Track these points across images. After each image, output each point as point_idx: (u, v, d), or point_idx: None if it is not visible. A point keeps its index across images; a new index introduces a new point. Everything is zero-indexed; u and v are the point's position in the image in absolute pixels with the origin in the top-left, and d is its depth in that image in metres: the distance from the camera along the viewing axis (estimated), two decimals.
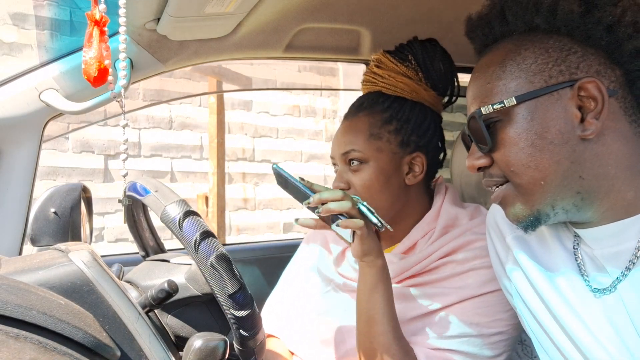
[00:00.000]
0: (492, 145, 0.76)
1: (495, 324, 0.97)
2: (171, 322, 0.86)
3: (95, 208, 1.16)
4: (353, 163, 1.08)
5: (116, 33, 0.84)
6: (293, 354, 1.18)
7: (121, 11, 0.82)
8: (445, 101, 1.20)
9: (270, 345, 1.22)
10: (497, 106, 0.74)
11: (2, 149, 1.15)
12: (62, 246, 0.77)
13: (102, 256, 1.09)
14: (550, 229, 0.84)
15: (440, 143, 1.16)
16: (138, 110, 4.43)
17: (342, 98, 5.68)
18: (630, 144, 0.73)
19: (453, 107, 1.32)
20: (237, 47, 1.31)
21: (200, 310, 0.87)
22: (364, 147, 1.07)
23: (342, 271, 1.15)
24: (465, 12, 0.86)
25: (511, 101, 0.74)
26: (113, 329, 0.68)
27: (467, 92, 0.82)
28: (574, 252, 0.79)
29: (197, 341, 0.73)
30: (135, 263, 1.01)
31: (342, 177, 1.10)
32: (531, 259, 0.83)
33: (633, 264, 0.71)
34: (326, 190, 0.92)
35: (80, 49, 1.12)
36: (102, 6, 0.80)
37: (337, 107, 5.69)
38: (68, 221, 0.99)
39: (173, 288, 0.81)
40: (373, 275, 0.95)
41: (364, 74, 1.19)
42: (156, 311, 0.87)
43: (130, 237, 1.03)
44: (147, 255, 1.03)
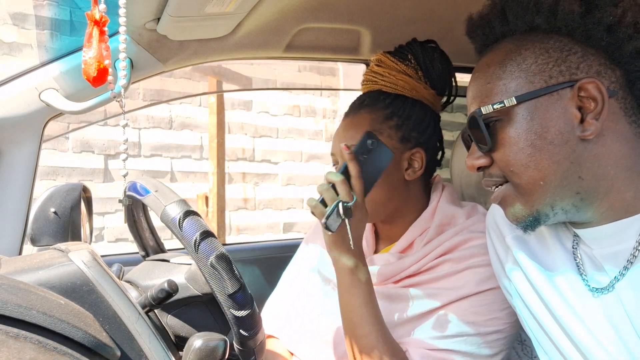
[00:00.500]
0: (492, 145, 0.76)
1: (492, 323, 0.97)
2: (171, 322, 0.86)
3: (95, 208, 1.16)
4: None
5: (116, 33, 0.84)
6: (292, 354, 1.18)
7: (121, 11, 0.82)
8: (443, 101, 1.20)
9: (269, 345, 1.22)
10: (497, 106, 0.75)
11: (2, 149, 1.15)
12: (62, 246, 0.77)
13: (102, 256, 1.09)
14: (549, 229, 0.84)
15: (438, 142, 1.17)
16: (138, 110, 4.43)
17: (342, 98, 5.68)
18: (629, 145, 0.72)
19: (453, 107, 1.32)
20: (237, 47, 1.31)
21: (200, 310, 0.87)
22: None
23: None
24: (465, 12, 0.86)
25: (511, 101, 0.74)
26: (113, 329, 0.68)
27: (468, 92, 0.82)
28: (573, 252, 0.80)
29: (197, 341, 0.73)
30: (135, 263, 1.01)
31: None
32: (530, 259, 0.83)
33: (631, 264, 0.71)
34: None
35: (80, 49, 1.12)
36: (102, 6, 0.80)
37: (337, 107, 5.69)
38: (68, 221, 0.99)
39: (173, 288, 0.81)
40: (344, 277, 0.96)
41: (364, 74, 1.20)
42: (156, 311, 0.87)
43: (130, 237, 1.04)
44: (147, 255, 1.03)
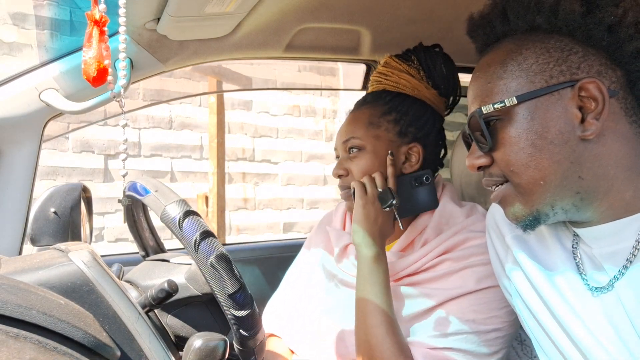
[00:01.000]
0: (492, 144, 0.76)
1: (491, 321, 0.98)
2: (171, 322, 0.86)
3: (95, 208, 1.16)
4: (352, 151, 1.14)
5: (116, 33, 0.84)
6: (294, 353, 1.18)
7: (121, 11, 0.82)
8: (449, 103, 1.22)
9: (271, 344, 1.22)
10: (498, 105, 0.75)
11: (2, 149, 1.15)
12: (62, 246, 0.77)
13: (102, 256, 1.09)
14: (549, 229, 0.84)
15: (440, 141, 1.19)
16: (138, 110, 4.44)
17: (342, 98, 5.69)
18: (630, 145, 0.72)
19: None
20: (237, 47, 1.31)
21: (200, 310, 0.87)
22: (363, 134, 1.13)
23: (343, 267, 1.16)
24: (465, 12, 0.86)
25: (512, 101, 0.74)
26: (113, 329, 0.68)
27: (468, 92, 0.82)
28: (573, 252, 0.80)
29: (197, 341, 0.73)
30: (135, 263, 1.01)
31: (342, 165, 1.15)
32: (530, 259, 0.83)
33: (630, 263, 0.71)
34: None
35: (80, 49, 1.12)
36: (102, 6, 0.80)
37: (337, 107, 5.69)
38: (68, 221, 0.99)
39: (173, 288, 0.81)
40: (365, 264, 1.01)
41: (372, 76, 1.24)
42: (156, 311, 0.87)
43: (130, 237, 1.04)
44: (147, 255, 1.03)
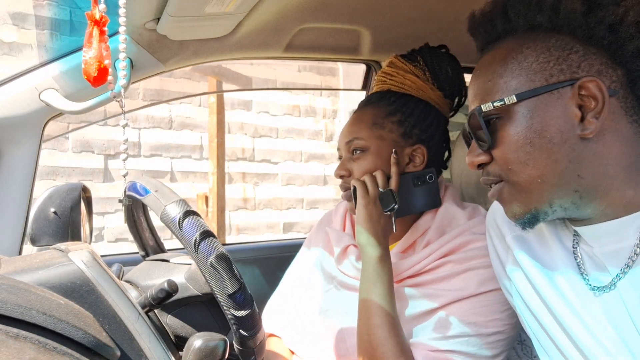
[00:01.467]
0: (492, 142, 0.77)
1: (493, 324, 0.97)
2: (171, 322, 0.86)
3: (95, 208, 1.16)
4: (356, 152, 1.13)
5: (116, 33, 0.84)
6: (293, 353, 1.18)
7: (121, 11, 0.82)
8: (454, 105, 1.22)
9: (271, 344, 1.22)
10: (498, 104, 0.75)
11: (2, 149, 1.15)
12: (62, 246, 0.77)
13: (102, 256, 1.09)
14: (549, 228, 0.84)
15: (444, 143, 1.19)
16: (138, 110, 4.44)
17: (342, 98, 5.68)
18: (630, 144, 0.72)
19: None
20: (237, 47, 1.31)
21: (200, 310, 0.87)
22: (366, 135, 1.12)
23: (343, 269, 1.16)
24: (465, 12, 0.86)
25: (511, 99, 0.74)
26: (113, 329, 0.68)
27: (469, 90, 0.83)
28: (574, 251, 0.80)
29: (197, 341, 0.73)
30: (135, 263, 1.01)
31: (344, 165, 1.14)
32: (531, 259, 0.83)
33: (632, 262, 0.71)
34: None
35: (80, 49, 1.12)
36: (102, 6, 0.80)
37: (337, 107, 5.69)
38: (68, 221, 0.99)
39: (173, 288, 0.80)
40: (370, 265, 1.01)
41: (377, 75, 1.24)
42: (156, 311, 0.87)
43: (130, 237, 1.04)
44: (147, 255, 1.03)
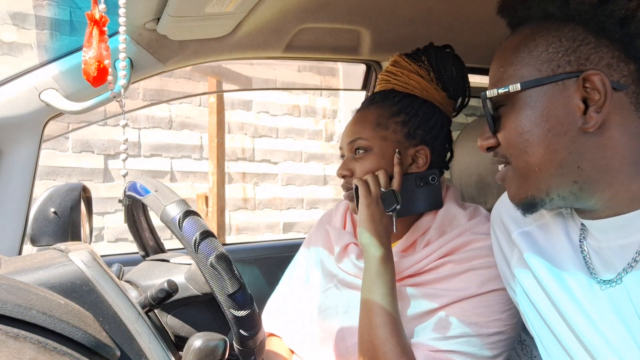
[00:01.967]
0: (495, 127, 0.79)
1: (494, 324, 0.97)
2: (171, 322, 0.86)
3: (95, 208, 1.16)
4: (359, 152, 1.12)
5: (116, 33, 0.84)
6: (293, 353, 1.18)
7: (121, 11, 0.82)
8: (457, 106, 1.22)
9: (271, 344, 1.22)
10: (502, 91, 0.76)
11: (2, 149, 1.15)
12: (62, 246, 0.77)
13: (102, 256, 1.09)
14: (557, 221, 0.84)
15: (447, 144, 1.19)
16: (138, 110, 4.44)
17: (342, 98, 5.69)
18: (638, 140, 0.72)
19: None
20: (237, 47, 1.31)
21: (200, 310, 0.87)
22: (370, 135, 1.11)
23: (344, 267, 1.15)
24: (465, 12, 0.86)
25: (515, 87, 0.75)
26: (113, 329, 0.68)
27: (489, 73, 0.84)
28: (580, 245, 0.80)
29: (197, 341, 0.72)
30: (135, 263, 1.01)
31: (347, 165, 1.14)
32: (537, 254, 0.83)
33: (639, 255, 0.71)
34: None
35: (80, 49, 1.12)
36: (102, 6, 0.80)
37: (337, 107, 5.69)
38: (68, 221, 0.99)
39: (173, 288, 0.80)
40: (372, 265, 1.00)
41: (380, 74, 1.23)
42: (156, 311, 0.87)
43: (130, 237, 1.04)
44: (147, 255, 1.03)
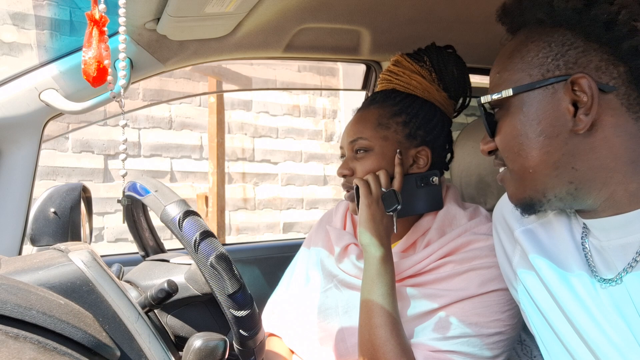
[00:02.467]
0: (492, 131, 0.82)
1: (494, 324, 0.97)
2: (171, 322, 0.86)
3: (95, 208, 1.16)
4: (359, 152, 1.12)
5: (116, 33, 0.84)
6: (294, 353, 1.18)
7: (121, 11, 0.82)
8: (458, 107, 1.22)
9: (271, 344, 1.22)
10: (495, 96, 0.79)
11: (2, 149, 1.15)
12: (62, 246, 0.77)
13: (102, 256, 1.09)
14: (560, 221, 0.85)
15: (447, 145, 1.19)
16: (138, 110, 4.44)
17: (342, 98, 5.69)
18: (634, 140, 0.73)
19: None
20: (237, 47, 1.31)
21: (200, 310, 0.87)
22: (371, 135, 1.11)
23: (344, 267, 1.15)
24: (464, 13, 0.86)
25: (508, 92, 0.77)
26: (113, 329, 0.68)
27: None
28: (582, 243, 0.80)
29: (197, 341, 0.73)
30: (135, 263, 1.01)
31: (347, 164, 1.14)
32: (539, 252, 0.84)
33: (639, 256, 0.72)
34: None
35: (80, 49, 1.12)
36: (102, 6, 0.80)
37: (337, 107, 5.69)
38: (68, 221, 0.99)
39: (173, 288, 0.80)
40: (372, 265, 1.00)
41: (381, 73, 1.23)
42: (156, 311, 0.87)
43: (130, 237, 1.04)
44: (147, 255, 1.03)
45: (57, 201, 0.99)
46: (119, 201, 0.90)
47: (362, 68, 1.77)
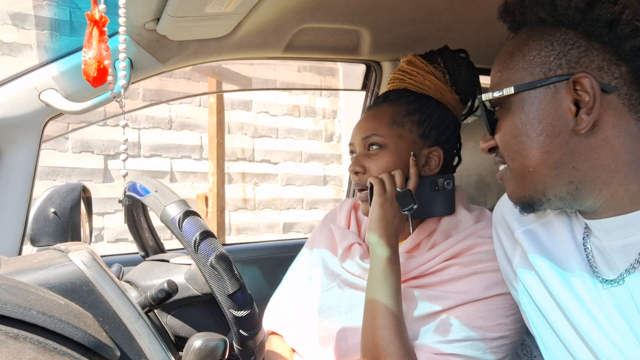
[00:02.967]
0: (493, 129, 0.82)
1: (498, 328, 0.97)
2: (171, 322, 0.86)
3: (95, 208, 1.16)
4: (372, 148, 1.11)
5: (116, 33, 0.84)
6: (294, 352, 1.18)
7: (121, 11, 0.82)
8: (465, 111, 1.22)
9: (272, 343, 1.22)
10: (497, 94, 0.79)
11: (2, 149, 1.15)
12: (62, 246, 0.77)
13: (102, 256, 1.09)
14: (561, 221, 0.85)
15: (457, 148, 1.18)
16: (138, 110, 4.44)
17: (342, 98, 5.69)
18: (635, 140, 0.73)
19: None
20: (237, 47, 1.31)
21: (200, 310, 0.87)
22: (386, 133, 1.10)
23: (347, 267, 1.15)
24: (464, 13, 0.86)
25: (509, 90, 0.77)
26: (113, 329, 0.68)
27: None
28: (584, 244, 0.80)
29: (197, 341, 0.73)
30: (135, 263, 1.01)
31: (359, 161, 1.13)
32: (540, 253, 0.84)
33: None
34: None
35: (80, 49, 1.12)
36: (102, 6, 0.80)
37: (337, 107, 5.69)
38: (68, 221, 0.99)
39: (173, 288, 0.80)
40: (379, 265, 0.99)
41: (393, 73, 1.22)
42: (156, 311, 0.87)
43: (130, 237, 1.04)
44: (147, 255, 1.03)
45: (57, 201, 0.99)
46: (120, 201, 0.90)
47: (362, 68, 1.77)
